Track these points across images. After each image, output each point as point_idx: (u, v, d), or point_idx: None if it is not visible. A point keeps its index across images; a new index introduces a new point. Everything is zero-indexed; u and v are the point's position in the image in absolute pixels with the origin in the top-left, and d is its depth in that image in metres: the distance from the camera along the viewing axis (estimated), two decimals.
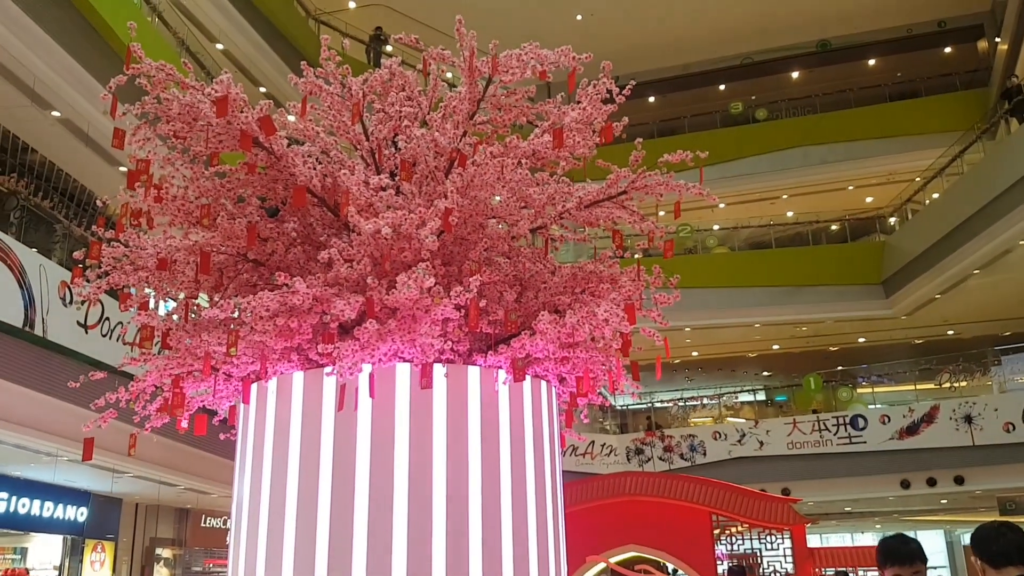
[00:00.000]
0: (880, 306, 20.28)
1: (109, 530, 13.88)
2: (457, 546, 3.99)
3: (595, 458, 20.10)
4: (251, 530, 4.17)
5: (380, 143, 4.68)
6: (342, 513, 3.96)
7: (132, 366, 4.50)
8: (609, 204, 4.79)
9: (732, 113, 23.49)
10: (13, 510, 11.53)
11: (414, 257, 4.08)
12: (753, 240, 23.04)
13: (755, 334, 22.59)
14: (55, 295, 8.09)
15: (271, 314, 3.90)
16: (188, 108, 4.13)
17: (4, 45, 9.43)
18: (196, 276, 4.34)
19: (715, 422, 21.45)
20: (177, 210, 4.35)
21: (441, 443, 4.12)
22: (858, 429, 18.18)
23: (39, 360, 7.94)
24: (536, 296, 4.68)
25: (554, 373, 4.72)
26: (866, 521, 24.85)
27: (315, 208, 4.60)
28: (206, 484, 12.75)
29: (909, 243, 19.64)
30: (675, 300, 4.53)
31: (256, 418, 4.34)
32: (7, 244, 7.63)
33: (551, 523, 4.52)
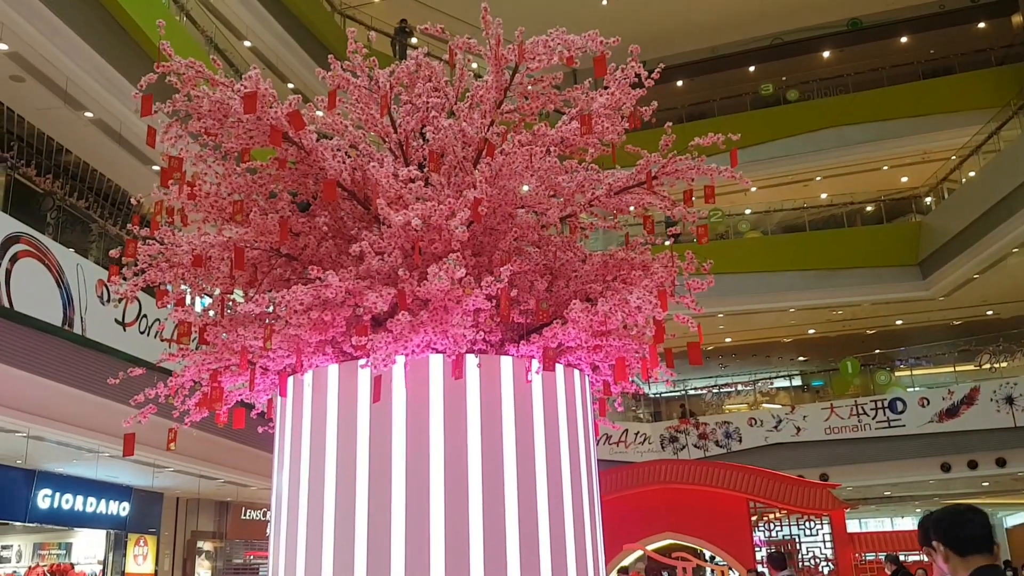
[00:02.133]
0: (917, 287, 19.97)
1: (151, 524, 14.11)
2: (494, 534, 4.00)
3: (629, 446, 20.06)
4: (291, 522, 4.21)
5: (408, 135, 4.68)
6: (380, 503, 3.98)
7: (170, 362, 4.56)
8: (639, 190, 4.74)
9: (763, 95, 23.19)
10: (57, 506, 11.76)
11: (444, 248, 4.08)
12: (786, 224, 22.77)
13: (790, 319, 22.35)
14: (92, 294, 8.21)
15: (305, 308, 3.92)
16: (218, 105, 4.16)
17: (36, 47, 9.58)
18: (231, 272, 4.38)
19: (750, 408, 21.29)
20: (210, 207, 4.39)
21: (476, 433, 4.12)
22: (897, 412, 17.95)
23: (79, 358, 8.08)
24: (567, 285, 4.65)
25: (587, 362, 4.70)
26: (906, 505, 24.55)
27: (345, 202, 4.61)
28: (245, 477, 12.91)
29: (946, 222, 19.30)
30: (709, 286, 4.49)
31: (293, 411, 4.38)
32: (45, 244, 7.76)
33: (587, 511, 4.51)
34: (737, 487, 13.38)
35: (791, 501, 13.04)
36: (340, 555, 3.97)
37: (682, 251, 4.60)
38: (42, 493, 11.41)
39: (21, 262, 7.35)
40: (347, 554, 3.95)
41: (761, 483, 13.34)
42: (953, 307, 20.76)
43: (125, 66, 10.31)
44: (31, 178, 9.09)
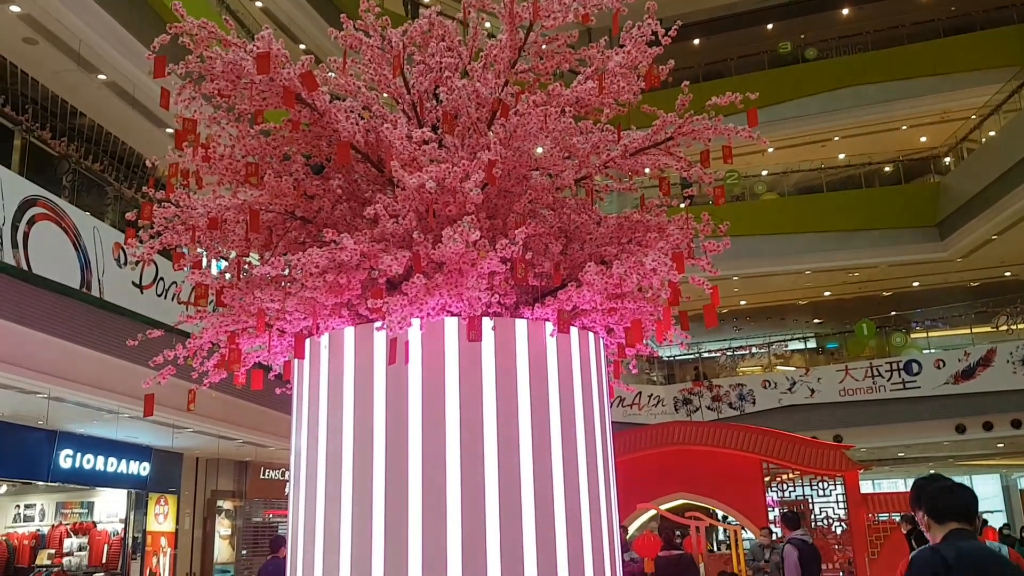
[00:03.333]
0: (935, 249, 19.81)
1: (171, 484, 14.32)
2: (509, 495, 4.03)
3: (642, 409, 20.14)
4: (310, 481, 4.26)
5: (421, 96, 4.64)
6: (396, 463, 4.02)
7: (188, 323, 4.59)
8: (655, 151, 4.70)
9: (781, 53, 22.83)
10: (78, 466, 11.95)
11: (459, 211, 4.07)
12: (803, 185, 22.56)
13: (805, 281, 22.24)
14: (110, 256, 8.26)
15: (320, 270, 3.93)
16: (231, 66, 4.13)
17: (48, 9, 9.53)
18: (246, 234, 4.39)
19: (764, 371, 21.29)
20: (225, 169, 4.38)
21: (491, 395, 4.15)
22: (912, 374, 17.92)
23: (97, 320, 8.15)
24: (582, 247, 4.64)
25: (601, 324, 4.70)
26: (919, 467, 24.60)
27: (359, 164, 4.60)
28: (264, 438, 13.06)
29: (965, 183, 19.07)
30: (725, 248, 4.46)
31: (311, 373, 4.41)
32: (61, 208, 7.79)
33: (602, 472, 4.54)
34: (751, 448, 13.44)
35: (805, 462, 13.09)
36: (358, 512, 4.02)
37: (698, 213, 4.57)
38: (64, 453, 11.59)
39: (39, 225, 7.39)
40: (365, 512, 4.01)
41: (775, 444, 13.39)
42: (971, 268, 20.60)
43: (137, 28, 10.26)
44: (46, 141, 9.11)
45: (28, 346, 7.55)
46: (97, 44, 9.95)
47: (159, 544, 14.03)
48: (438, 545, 3.91)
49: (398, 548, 3.93)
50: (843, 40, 22.90)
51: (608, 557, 4.40)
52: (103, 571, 13.84)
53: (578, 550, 4.17)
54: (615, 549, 4.53)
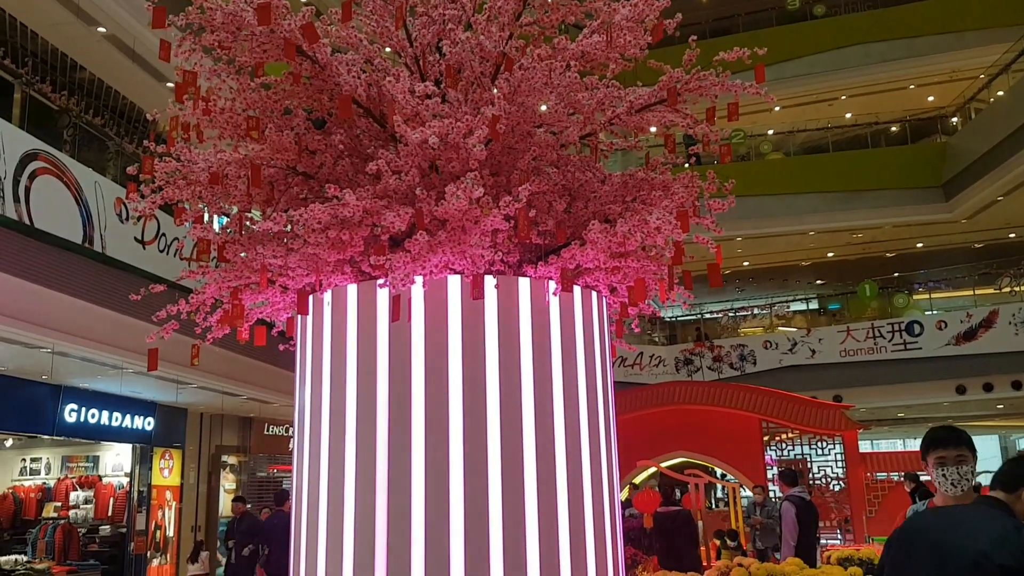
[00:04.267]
0: (940, 210, 19.72)
1: (176, 439, 14.44)
2: (511, 449, 4.06)
3: (644, 369, 20.22)
4: (313, 437, 4.29)
5: (424, 49, 4.57)
6: (400, 418, 4.04)
7: (191, 279, 4.58)
8: (661, 108, 4.64)
9: (789, 9, 22.49)
10: (83, 420, 12.04)
11: (462, 167, 4.03)
12: (809, 144, 22.39)
13: (809, 242, 22.18)
14: (111, 212, 8.23)
15: (323, 226, 3.90)
16: (231, 17, 4.07)
17: None
18: (248, 190, 4.35)
19: (765, 332, 21.33)
20: (225, 123, 4.33)
21: (493, 353, 4.15)
22: (914, 335, 17.95)
23: (100, 275, 8.14)
24: (586, 206, 4.60)
25: (604, 283, 4.69)
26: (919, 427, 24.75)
27: (361, 119, 4.55)
28: (267, 394, 13.14)
29: (972, 143, 18.91)
30: (730, 206, 4.43)
31: (314, 330, 4.41)
32: (63, 162, 7.74)
33: (603, 430, 4.56)
34: (750, 408, 13.52)
35: (804, 421, 13.17)
36: (362, 467, 4.05)
37: (703, 172, 4.52)
38: (68, 407, 11.67)
39: (40, 179, 7.34)
40: (369, 466, 4.04)
41: (774, 404, 13.47)
42: (975, 230, 20.52)
43: None
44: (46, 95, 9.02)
45: (31, 300, 7.56)
46: None
47: (164, 498, 14.19)
48: (441, 500, 3.95)
49: (401, 502, 3.97)
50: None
51: (608, 512, 4.44)
52: (109, 524, 14.03)
53: (579, 506, 4.21)
54: (615, 505, 4.57)
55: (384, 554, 3.95)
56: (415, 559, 3.91)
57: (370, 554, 3.96)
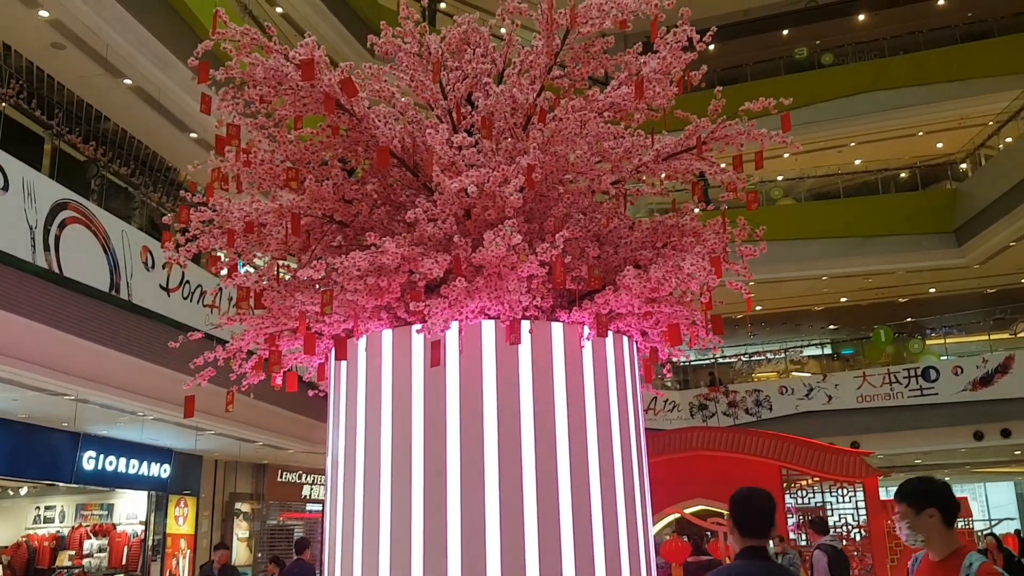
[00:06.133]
0: (952, 255, 19.74)
1: (191, 486, 14.40)
2: (547, 498, 4.06)
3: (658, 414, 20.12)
4: (348, 484, 4.30)
5: (458, 101, 4.68)
6: (435, 465, 4.06)
7: (228, 325, 4.64)
8: (687, 156, 4.73)
9: (797, 59, 22.81)
10: (101, 468, 12.04)
11: (498, 215, 4.11)
12: (819, 190, 22.53)
13: (822, 287, 22.20)
14: (138, 260, 8.33)
15: (362, 273, 3.97)
16: (272, 72, 4.19)
17: (77, 15, 9.64)
18: (286, 238, 4.44)
19: (779, 377, 21.24)
20: (265, 174, 4.43)
21: (528, 397, 4.18)
22: (930, 381, 17.85)
23: (126, 323, 8.22)
24: (616, 251, 4.67)
25: (636, 328, 4.73)
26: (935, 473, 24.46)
27: (395, 169, 4.64)
28: (283, 440, 13.14)
29: (982, 189, 19.00)
30: (761, 252, 4.49)
31: (348, 375, 4.45)
32: (91, 211, 7.87)
33: (636, 475, 4.56)
34: (770, 454, 13.42)
35: (825, 468, 13.06)
36: (397, 514, 4.06)
37: (733, 217, 4.59)
38: (87, 455, 11.68)
39: (69, 228, 7.47)
40: (404, 513, 4.04)
41: (794, 450, 13.37)
42: (988, 275, 20.51)
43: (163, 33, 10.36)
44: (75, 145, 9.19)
45: (58, 348, 7.63)
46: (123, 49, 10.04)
47: (179, 545, 14.11)
48: (477, 547, 3.94)
49: (437, 550, 3.96)
50: (859, 46, 22.87)
51: (644, 560, 4.42)
52: (123, 572, 13.93)
53: (615, 553, 4.20)
54: (650, 552, 4.55)
55: None
56: None
57: None
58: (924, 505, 2.92)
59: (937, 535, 2.89)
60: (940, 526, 2.89)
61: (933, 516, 2.89)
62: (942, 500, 2.89)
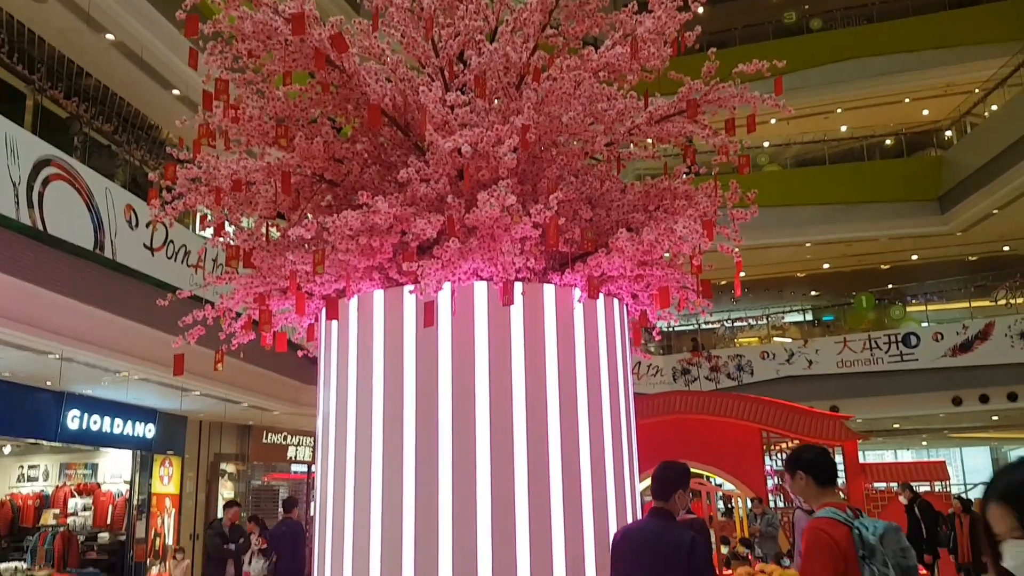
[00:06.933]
0: (936, 222, 19.85)
1: (176, 446, 14.38)
2: (537, 451, 4.10)
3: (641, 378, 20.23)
4: (339, 444, 4.31)
5: (450, 60, 4.62)
6: (427, 425, 4.08)
7: (217, 284, 4.61)
8: (680, 119, 4.71)
9: (786, 23, 22.68)
10: (85, 427, 11.99)
11: (491, 175, 4.08)
12: (805, 156, 22.53)
13: (805, 253, 22.29)
14: (122, 218, 8.23)
15: (353, 233, 3.94)
16: (261, 26, 4.11)
17: None
18: (275, 197, 4.39)
19: (761, 342, 21.40)
20: (254, 130, 4.37)
21: (519, 358, 4.19)
22: (910, 347, 18.04)
23: (110, 282, 8.14)
24: (608, 214, 4.66)
25: (627, 291, 4.74)
26: (913, 438, 24.87)
27: (385, 128, 4.59)
28: (269, 401, 13.12)
29: (967, 157, 19.07)
30: (752, 216, 4.49)
31: (339, 336, 4.44)
32: (74, 168, 7.75)
33: (625, 435, 4.61)
34: (751, 418, 13.56)
35: (805, 432, 13.21)
36: (389, 473, 4.08)
37: (725, 181, 4.58)
38: (71, 414, 11.62)
39: (53, 185, 7.35)
40: (396, 472, 4.06)
41: (775, 414, 13.51)
42: (970, 243, 20.66)
43: None
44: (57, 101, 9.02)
45: (42, 306, 7.56)
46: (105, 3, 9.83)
47: (164, 505, 14.12)
48: (468, 506, 3.97)
49: (429, 509, 3.99)
50: (848, 11, 22.72)
51: (631, 515, 4.48)
52: (108, 531, 13.95)
53: (603, 506, 4.25)
54: (637, 508, 4.61)
55: (412, 558, 3.97)
56: (443, 561, 3.93)
57: (397, 560, 3.99)
58: (795, 470, 3.33)
59: (811, 495, 3.31)
60: (812, 487, 3.29)
61: (803, 479, 3.30)
62: (810, 466, 3.30)
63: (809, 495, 3.33)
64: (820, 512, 3.20)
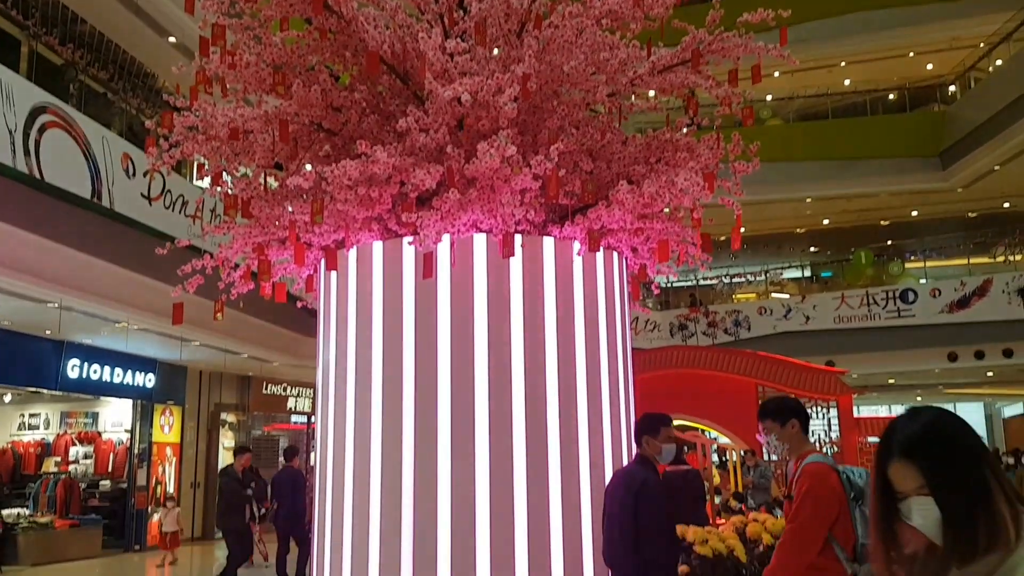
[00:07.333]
0: (937, 178, 19.73)
1: (176, 396, 14.48)
2: (535, 405, 4.13)
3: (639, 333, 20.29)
4: (339, 394, 4.33)
5: (450, 5, 4.55)
6: (426, 375, 4.09)
7: (216, 234, 4.60)
8: (683, 69, 4.64)
9: None
10: (85, 376, 12.07)
11: (491, 125, 4.04)
12: (807, 111, 22.33)
13: (805, 209, 22.21)
14: (119, 167, 8.17)
15: (352, 183, 3.92)
16: None
17: None
18: (273, 145, 4.35)
19: (759, 298, 21.43)
20: (251, 77, 4.32)
21: (518, 310, 4.20)
22: (908, 303, 18.07)
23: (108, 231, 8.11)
24: (609, 166, 4.62)
25: (627, 244, 4.73)
26: (907, 394, 25.04)
27: (384, 76, 4.53)
28: (268, 353, 13.18)
29: (970, 112, 18.89)
30: (754, 169, 4.46)
31: (338, 287, 4.44)
32: (71, 116, 7.66)
33: (622, 386, 4.63)
34: (747, 372, 13.63)
35: (800, 386, 13.30)
36: (388, 420, 4.11)
37: (727, 135, 4.54)
38: (71, 363, 11.69)
39: (49, 132, 7.28)
40: (395, 420, 4.09)
41: (770, 369, 13.59)
42: (970, 199, 20.57)
43: None
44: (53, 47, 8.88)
45: (40, 255, 7.54)
46: None
47: (164, 454, 14.27)
48: (466, 454, 4.01)
49: (427, 459, 4.03)
50: None
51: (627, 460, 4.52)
52: (109, 479, 14.12)
53: (599, 459, 4.29)
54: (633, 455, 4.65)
55: (411, 507, 4.02)
56: (441, 510, 3.98)
57: (397, 509, 4.03)
58: (788, 418, 3.37)
59: (798, 442, 3.37)
60: (799, 434, 3.37)
61: (795, 426, 3.36)
62: (799, 414, 3.39)
63: (796, 443, 3.38)
64: (812, 458, 3.26)
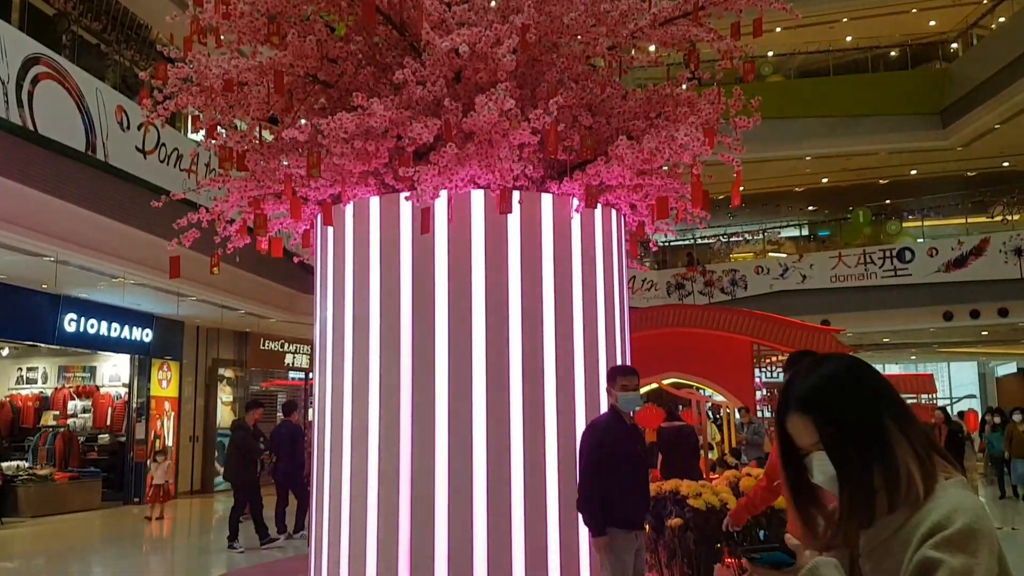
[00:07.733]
0: (937, 136, 19.60)
1: (173, 351, 14.51)
2: (533, 361, 4.13)
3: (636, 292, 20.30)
4: (336, 350, 4.33)
5: None
6: (423, 331, 4.09)
7: (211, 187, 4.56)
8: (684, 22, 4.57)
9: None
10: (83, 330, 12.08)
11: (490, 78, 3.98)
12: (808, 67, 22.11)
13: (804, 167, 22.11)
14: (113, 120, 8.08)
15: (348, 136, 3.87)
16: None
17: None
18: (267, 97, 4.30)
19: (756, 257, 21.41)
20: (245, 27, 4.25)
21: (516, 267, 4.19)
22: (905, 262, 18.07)
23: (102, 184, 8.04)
24: (608, 122, 4.57)
25: (626, 201, 4.70)
26: (902, 352, 25.18)
27: (380, 27, 4.46)
28: (265, 309, 13.19)
29: (972, 70, 18.71)
30: (755, 124, 4.41)
31: (335, 242, 4.42)
32: (64, 67, 7.55)
33: (619, 342, 4.64)
34: (741, 330, 13.67)
35: (795, 344, 13.32)
36: (386, 376, 4.12)
37: (728, 91, 4.48)
38: (68, 317, 11.69)
39: (42, 84, 7.18)
40: (393, 377, 4.10)
41: (765, 327, 13.63)
42: (970, 158, 20.47)
43: None
44: None
45: (35, 208, 7.49)
46: None
47: (163, 408, 14.35)
48: (464, 408, 4.03)
49: (425, 413, 4.05)
50: None
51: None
52: (108, 432, 14.21)
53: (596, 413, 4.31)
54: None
55: (409, 459, 4.05)
56: (439, 462, 4.01)
57: (395, 462, 4.06)
58: None
59: None
60: None
61: None
62: None
63: None
64: None
